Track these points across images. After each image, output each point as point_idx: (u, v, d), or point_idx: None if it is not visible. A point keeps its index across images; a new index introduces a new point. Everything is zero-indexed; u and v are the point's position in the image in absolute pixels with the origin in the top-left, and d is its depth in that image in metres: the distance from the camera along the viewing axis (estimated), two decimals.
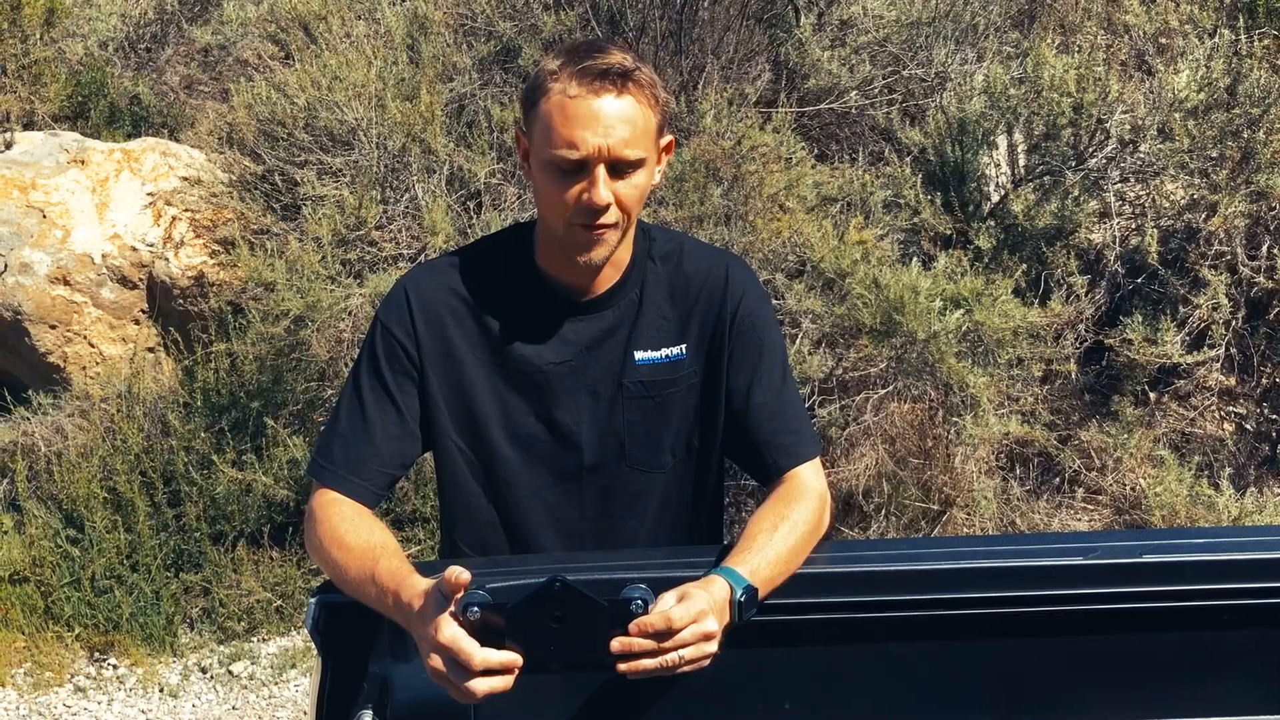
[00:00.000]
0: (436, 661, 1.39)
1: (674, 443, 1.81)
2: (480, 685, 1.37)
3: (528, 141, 1.71)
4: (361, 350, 1.78)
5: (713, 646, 1.45)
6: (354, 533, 1.63)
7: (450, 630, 1.38)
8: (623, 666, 1.40)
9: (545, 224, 1.72)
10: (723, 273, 1.79)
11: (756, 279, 1.85)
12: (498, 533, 1.84)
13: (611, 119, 1.62)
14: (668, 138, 1.74)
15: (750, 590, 1.53)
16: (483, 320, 1.75)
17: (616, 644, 1.40)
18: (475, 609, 1.40)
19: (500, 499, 1.81)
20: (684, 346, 1.78)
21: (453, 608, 1.40)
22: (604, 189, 1.63)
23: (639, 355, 1.77)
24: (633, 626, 1.40)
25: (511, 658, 1.39)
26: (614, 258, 1.73)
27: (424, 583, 1.47)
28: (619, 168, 1.63)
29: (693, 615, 1.43)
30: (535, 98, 1.66)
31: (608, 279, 1.76)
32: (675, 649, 1.41)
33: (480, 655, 1.37)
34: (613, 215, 1.65)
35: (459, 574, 1.38)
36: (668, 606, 1.42)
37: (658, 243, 1.81)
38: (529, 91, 1.68)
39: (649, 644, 1.40)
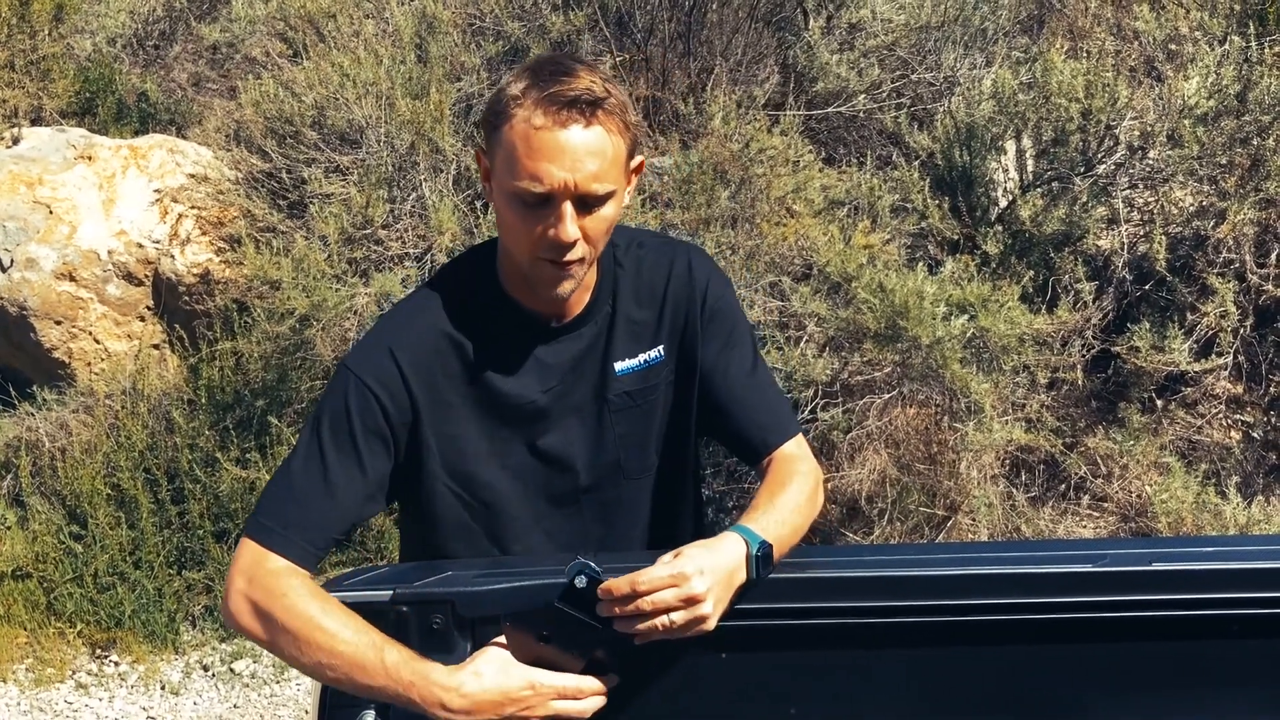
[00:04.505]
0: (562, 707, 1.49)
1: (658, 442, 1.80)
2: (591, 704, 1.51)
3: (488, 163, 1.63)
4: (323, 403, 1.66)
5: (705, 609, 1.46)
6: (333, 614, 1.53)
7: (554, 681, 1.48)
8: (620, 628, 1.47)
9: (510, 255, 1.67)
10: (685, 264, 1.76)
11: (715, 264, 1.83)
12: None
13: (579, 151, 1.54)
14: (638, 159, 1.68)
15: (766, 546, 1.54)
16: (466, 359, 1.69)
17: (601, 609, 1.46)
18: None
19: (502, 535, 1.77)
20: (661, 348, 1.76)
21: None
22: (571, 225, 1.56)
23: (619, 366, 1.74)
24: (601, 592, 1.45)
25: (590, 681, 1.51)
26: (583, 280, 1.69)
27: (449, 673, 1.49)
28: (587, 202, 1.57)
29: (666, 578, 1.45)
30: (498, 122, 1.58)
31: (580, 300, 1.72)
32: (660, 612, 1.45)
33: (588, 684, 1.50)
34: (579, 250, 1.60)
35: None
36: (652, 567, 1.47)
37: (619, 247, 1.76)
38: (491, 114, 1.60)
39: (628, 606, 1.45)
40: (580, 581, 1.46)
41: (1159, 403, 4.34)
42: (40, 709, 4.07)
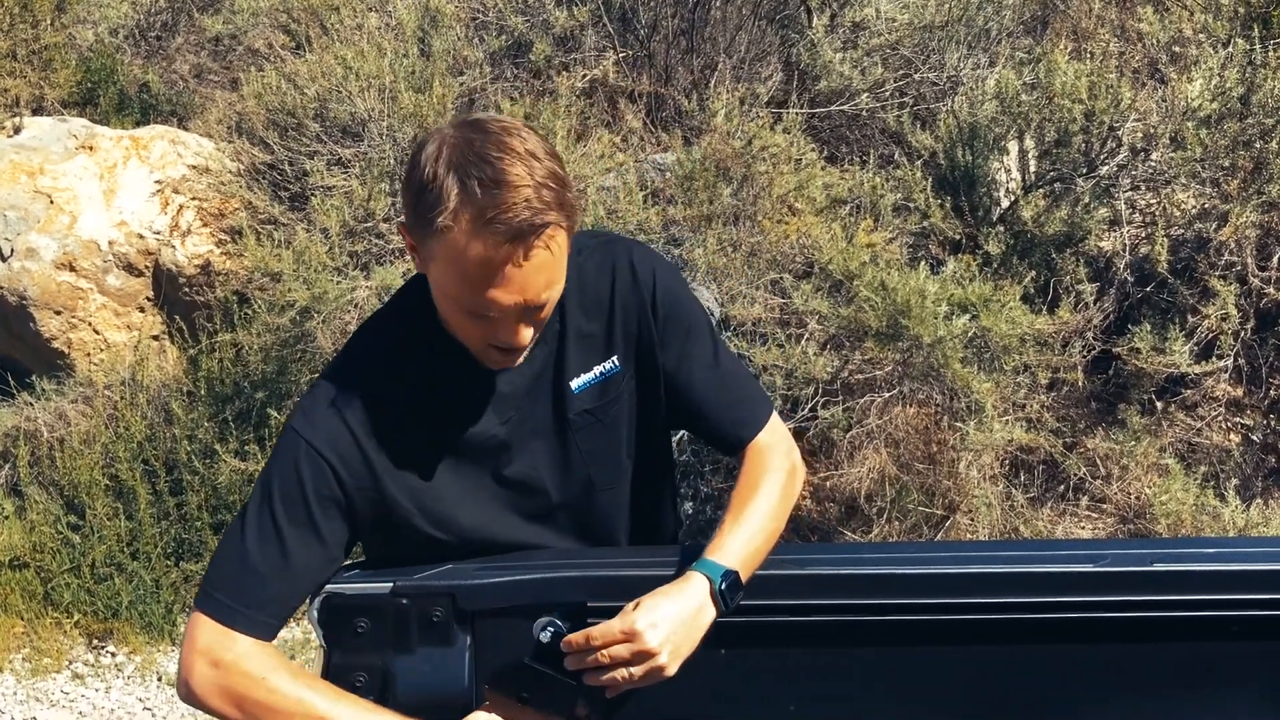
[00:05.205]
0: None
1: (629, 448, 1.76)
2: None
3: (414, 241, 1.52)
4: (273, 469, 1.58)
5: (659, 660, 1.50)
6: (323, 691, 1.53)
7: None
8: (588, 681, 1.53)
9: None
10: (627, 266, 1.68)
11: (659, 255, 1.75)
12: None
13: (528, 274, 1.46)
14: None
15: (730, 575, 1.56)
16: (419, 406, 1.62)
17: (569, 662, 1.53)
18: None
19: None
20: (615, 358, 1.69)
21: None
22: (524, 332, 1.52)
23: (575, 384, 1.67)
24: (563, 646, 1.53)
25: None
26: None
27: None
28: (538, 305, 1.51)
29: (616, 633, 1.50)
30: (426, 229, 1.46)
31: None
32: (617, 665, 1.50)
33: None
34: (530, 339, 1.55)
35: None
36: (609, 621, 1.52)
37: None
38: (418, 214, 1.47)
39: (587, 659, 1.51)
40: (545, 636, 1.54)
41: (1159, 404, 4.33)
42: (37, 699, 4.07)
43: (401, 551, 1.67)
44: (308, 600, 1.63)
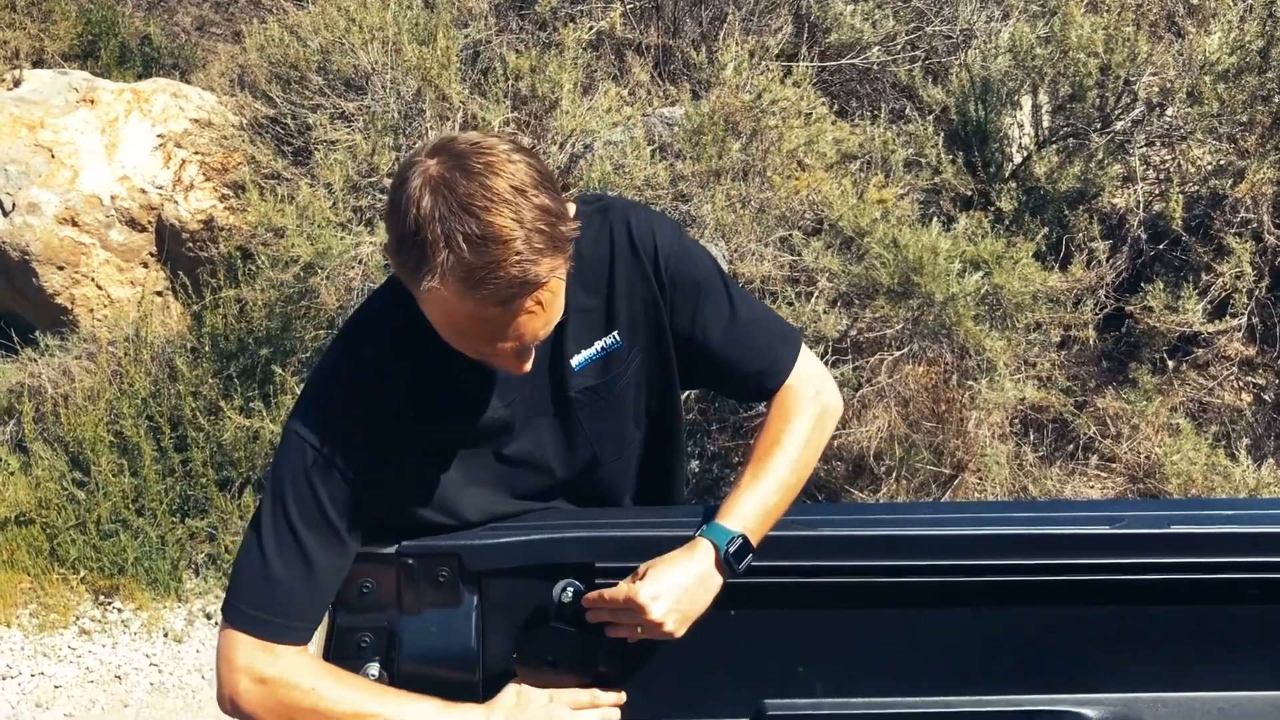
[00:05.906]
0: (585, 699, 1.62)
1: (637, 418, 1.73)
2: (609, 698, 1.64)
3: (402, 279, 1.45)
4: (282, 477, 1.55)
5: (666, 628, 1.52)
6: (370, 692, 1.56)
7: (577, 697, 1.60)
8: (610, 634, 1.58)
9: None
10: (625, 235, 1.61)
11: (657, 215, 1.69)
12: None
13: (524, 322, 1.42)
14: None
15: (738, 539, 1.56)
16: (421, 403, 1.58)
17: (590, 616, 1.58)
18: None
19: None
20: (616, 333, 1.64)
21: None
22: (526, 364, 1.50)
23: (575, 361, 1.63)
24: (583, 603, 1.58)
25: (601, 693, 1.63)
26: None
27: (486, 713, 1.57)
28: (537, 343, 1.49)
29: (619, 599, 1.53)
30: (413, 281, 1.40)
31: None
32: (629, 624, 1.55)
33: (601, 694, 1.63)
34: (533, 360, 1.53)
35: None
36: (619, 585, 1.56)
37: None
38: (403, 260, 1.39)
39: (602, 614, 1.57)
40: (566, 596, 1.59)
41: (1171, 363, 4.30)
42: (44, 654, 4.08)
43: (406, 530, 1.66)
44: None
